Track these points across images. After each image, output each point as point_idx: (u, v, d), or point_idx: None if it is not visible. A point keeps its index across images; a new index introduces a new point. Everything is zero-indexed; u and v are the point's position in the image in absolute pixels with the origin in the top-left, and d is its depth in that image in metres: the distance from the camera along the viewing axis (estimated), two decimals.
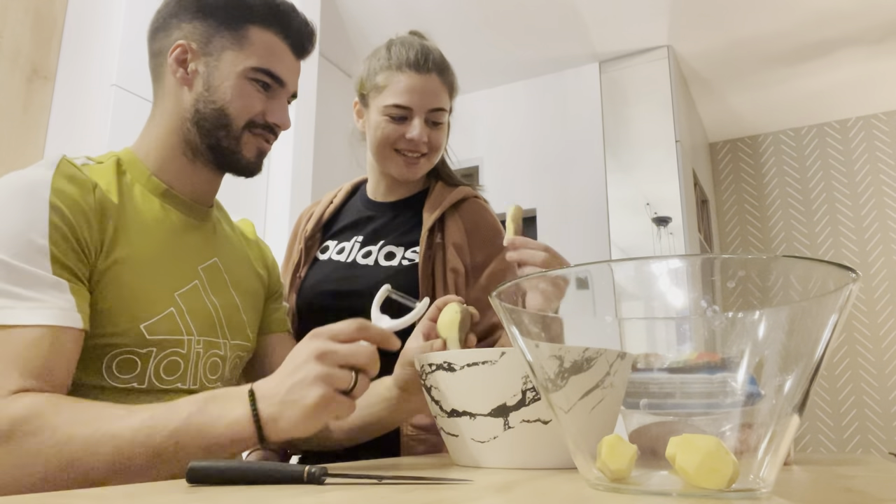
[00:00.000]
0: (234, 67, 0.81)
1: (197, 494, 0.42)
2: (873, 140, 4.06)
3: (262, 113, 0.83)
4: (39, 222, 0.66)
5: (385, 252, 1.08)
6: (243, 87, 0.81)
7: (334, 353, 0.62)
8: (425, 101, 1.05)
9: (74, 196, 0.70)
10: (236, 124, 0.82)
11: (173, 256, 0.79)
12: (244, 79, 0.81)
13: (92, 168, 0.77)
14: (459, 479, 0.49)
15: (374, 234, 1.12)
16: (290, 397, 0.60)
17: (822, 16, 3.11)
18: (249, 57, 0.81)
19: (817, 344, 0.39)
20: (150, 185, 0.81)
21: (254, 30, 0.82)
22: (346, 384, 0.62)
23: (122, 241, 0.73)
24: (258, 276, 0.95)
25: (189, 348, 0.77)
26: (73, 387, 0.69)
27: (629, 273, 0.43)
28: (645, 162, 3.36)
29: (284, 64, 0.84)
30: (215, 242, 0.87)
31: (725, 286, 0.39)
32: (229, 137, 0.82)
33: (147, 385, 0.74)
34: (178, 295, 0.77)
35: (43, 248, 0.65)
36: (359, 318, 0.65)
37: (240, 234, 0.97)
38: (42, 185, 0.68)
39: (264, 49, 0.82)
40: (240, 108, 0.81)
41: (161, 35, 0.83)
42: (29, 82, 1.83)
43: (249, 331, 0.89)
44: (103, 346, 0.70)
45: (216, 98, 0.81)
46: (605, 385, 0.43)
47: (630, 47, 3.45)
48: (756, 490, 0.39)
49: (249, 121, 0.82)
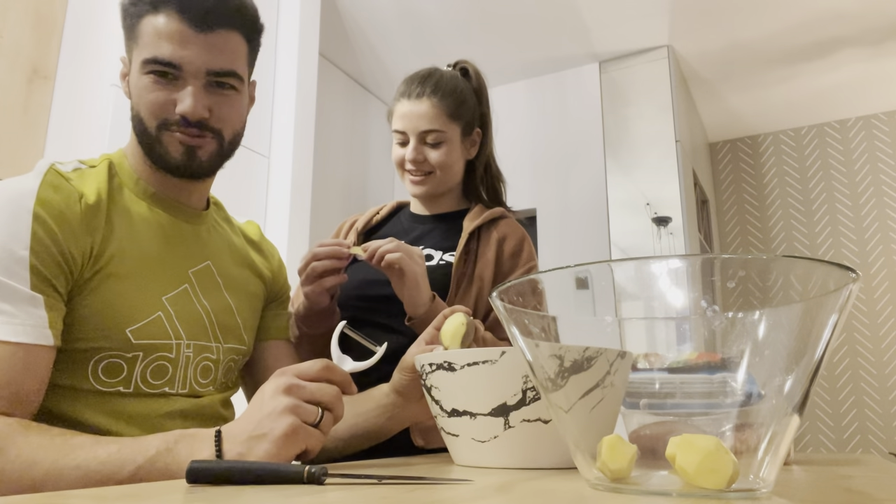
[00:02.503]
0: (136, 66, 0.77)
1: (197, 494, 0.42)
2: (873, 140, 4.06)
3: (170, 106, 0.77)
4: (22, 233, 0.65)
5: (425, 254, 1.13)
6: (143, 84, 0.77)
7: (301, 388, 0.63)
8: (416, 124, 1.13)
9: (59, 206, 0.69)
10: (150, 126, 0.77)
11: (161, 260, 0.78)
12: (142, 75, 0.77)
13: (83, 172, 0.76)
14: (459, 479, 0.49)
15: (416, 240, 1.19)
16: (258, 431, 0.60)
17: (822, 16, 3.10)
18: (142, 50, 0.76)
19: (817, 344, 0.39)
20: (137, 188, 0.80)
21: (146, 20, 0.77)
22: (312, 418, 0.62)
23: (109, 248, 0.73)
24: (259, 279, 0.94)
25: (178, 352, 0.76)
26: (61, 391, 0.69)
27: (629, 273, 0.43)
28: (645, 162, 3.36)
29: (177, 44, 0.75)
30: (209, 245, 0.86)
31: (725, 286, 0.39)
32: (150, 141, 0.78)
33: (133, 389, 0.73)
34: (167, 299, 0.76)
35: (23, 259, 0.65)
36: (324, 360, 0.67)
37: (242, 235, 0.96)
38: (27, 195, 0.68)
39: (150, 36, 0.76)
40: (145, 108, 0.77)
41: None
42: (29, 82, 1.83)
43: (245, 334, 0.88)
44: (89, 350, 0.70)
45: (133, 104, 0.79)
46: (605, 385, 0.43)
47: (630, 47, 3.45)
48: (756, 490, 0.39)
49: (160, 119, 0.77)
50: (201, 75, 0.77)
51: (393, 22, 3.21)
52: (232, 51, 0.79)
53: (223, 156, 0.83)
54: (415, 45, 3.38)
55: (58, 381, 0.69)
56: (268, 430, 0.60)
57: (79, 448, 0.59)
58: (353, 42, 3.34)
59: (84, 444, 0.60)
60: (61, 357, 0.69)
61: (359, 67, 3.53)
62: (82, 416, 0.70)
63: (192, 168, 0.80)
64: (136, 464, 0.58)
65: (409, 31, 3.27)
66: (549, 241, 3.46)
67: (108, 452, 0.59)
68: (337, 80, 3.45)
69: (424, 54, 3.41)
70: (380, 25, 3.22)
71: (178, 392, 0.77)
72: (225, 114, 0.80)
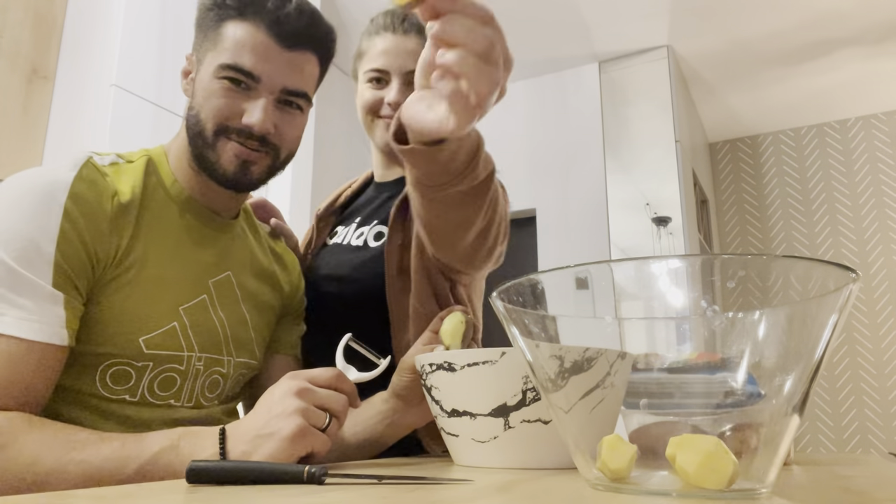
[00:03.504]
0: (209, 68, 0.76)
1: (197, 494, 0.42)
2: (873, 140, 4.06)
3: (236, 115, 0.75)
4: (51, 227, 0.64)
5: (375, 232, 1.02)
6: (213, 88, 0.75)
7: (313, 393, 0.63)
8: (402, 62, 0.98)
9: (92, 204, 0.68)
10: (208, 129, 0.75)
11: (183, 268, 0.76)
12: (215, 79, 0.75)
13: (120, 168, 0.75)
14: (459, 479, 0.49)
15: (369, 215, 1.06)
16: (266, 430, 0.60)
17: (822, 16, 3.11)
18: (221, 54, 0.75)
19: (817, 344, 0.39)
20: (173, 190, 0.78)
21: (229, 25, 0.75)
22: (321, 422, 0.62)
23: (133, 252, 0.71)
24: (278, 292, 0.91)
25: (188, 365, 0.75)
26: (65, 392, 0.68)
27: (629, 273, 0.43)
28: (645, 162, 3.36)
29: (260, 56, 0.75)
30: (232, 255, 0.84)
31: (725, 286, 0.39)
32: (206, 145, 0.76)
33: (139, 399, 0.72)
34: (183, 309, 0.75)
35: (48, 255, 0.64)
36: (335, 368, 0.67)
37: (267, 246, 0.93)
38: (61, 188, 0.66)
39: (234, 43, 0.75)
40: (209, 111, 0.75)
41: None
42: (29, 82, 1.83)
43: (257, 348, 0.86)
44: (99, 355, 0.69)
45: (195, 104, 0.77)
46: (605, 385, 0.43)
47: (630, 47, 3.45)
48: (756, 490, 0.39)
49: (221, 125, 0.75)
50: (276, 91, 0.76)
51: None
52: (309, 73, 0.79)
53: (273, 173, 0.81)
54: None
55: (62, 382, 0.68)
56: (276, 430, 0.59)
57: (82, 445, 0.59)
58: (353, 42, 3.35)
59: (88, 441, 0.59)
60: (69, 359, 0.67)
61: None
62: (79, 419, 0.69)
63: (243, 182, 0.78)
64: (139, 461, 0.58)
65: None
66: (549, 241, 3.46)
67: (112, 449, 0.59)
68: (337, 80, 3.45)
69: None
70: None
71: (182, 404, 0.76)
72: (287, 132, 0.79)
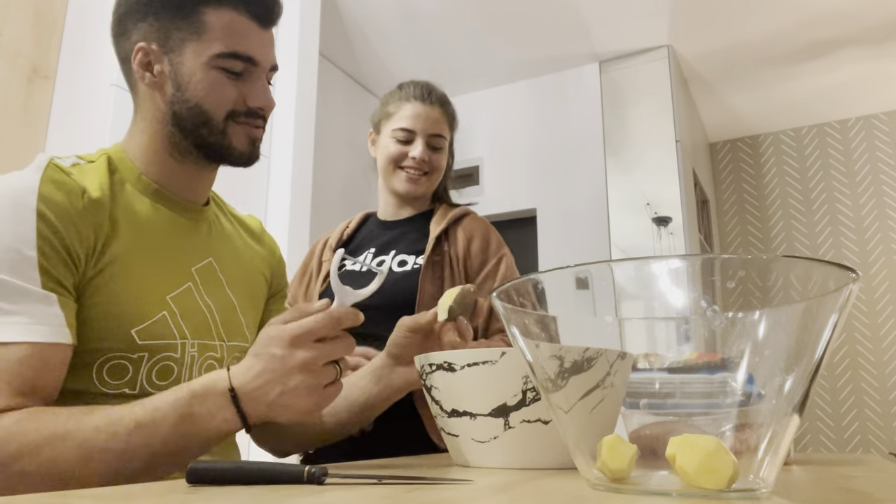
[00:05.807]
0: (199, 59, 0.76)
1: (197, 494, 0.42)
2: (873, 140, 4.06)
3: (240, 100, 0.78)
4: (27, 232, 0.64)
5: (398, 260, 1.22)
6: (213, 78, 0.76)
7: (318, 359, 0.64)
8: (427, 126, 1.25)
9: (62, 203, 0.68)
10: (216, 118, 0.77)
11: (165, 258, 0.77)
12: (211, 69, 0.76)
13: (82, 168, 0.75)
14: (459, 479, 0.49)
15: (387, 246, 1.26)
16: (280, 401, 0.63)
17: (822, 16, 3.10)
18: (211, 43, 0.75)
19: (817, 344, 0.39)
20: (140, 184, 0.79)
21: (208, 12, 0.76)
22: (332, 378, 0.65)
23: (112, 246, 0.72)
24: (261, 275, 0.93)
25: (183, 352, 0.76)
26: (65, 395, 0.68)
27: (629, 273, 0.43)
28: (645, 162, 3.36)
29: (251, 40, 0.77)
30: (210, 241, 0.85)
31: (725, 286, 0.39)
32: (214, 133, 0.78)
33: (139, 390, 0.72)
34: (171, 298, 0.76)
35: (31, 259, 0.64)
36: (328, 311, 0.65)
37: (242, 230, 0.94)
38: (28, 192, 0.66)
39: (224, 30, 0.76)
40: (215, 102, 0.77)
41: (122, 40, 0.80)
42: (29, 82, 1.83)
43: (248, 331, 0.87)
44: (93, 352, 0.69)
45: (189, 97, 0.76)
46: (605, 385, 0.43)
47: (630, 47, 3.44)
48: (756, 490, 0.39)
49: (230, 111, 0.78)
50: (267, 70, 0.81)
51: (393, 22, 3.21)
52: (275, 47, 0.84)
53: None
54: (415, 45, 3.37)
55: (63, 384, 0.68)
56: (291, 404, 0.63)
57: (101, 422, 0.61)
58: (353, 42, 3.34)
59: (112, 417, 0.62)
60: None
61: (359, 67, 3.53)
62: None
63: (254, 158, 0.83)
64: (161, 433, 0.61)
65: (409, 31, 3.27)
66: (550, 241, 3.46)
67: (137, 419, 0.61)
68: (337, 80, 3.45)
69: (424, 54, 3.41)
70: (380, 25, 3.22)
71: None
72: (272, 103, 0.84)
